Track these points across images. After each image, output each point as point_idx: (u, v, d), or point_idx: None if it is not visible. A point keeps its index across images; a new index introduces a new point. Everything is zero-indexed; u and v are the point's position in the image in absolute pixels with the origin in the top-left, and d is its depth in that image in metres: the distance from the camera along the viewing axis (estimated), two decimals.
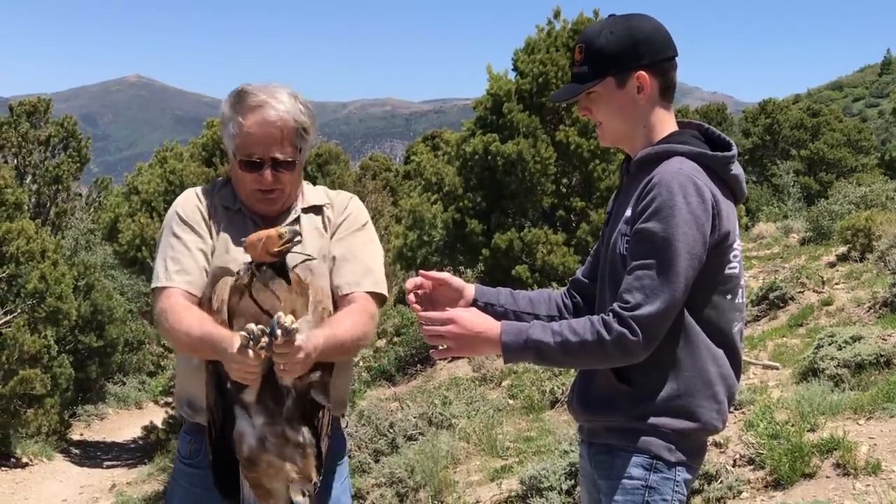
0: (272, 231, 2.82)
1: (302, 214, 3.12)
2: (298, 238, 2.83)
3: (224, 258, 3.01)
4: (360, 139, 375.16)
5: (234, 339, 2.68)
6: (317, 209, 3.15)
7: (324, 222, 3.14)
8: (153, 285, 3.03)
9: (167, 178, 18.95)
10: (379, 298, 3.10)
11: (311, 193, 3.19)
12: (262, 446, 2.84)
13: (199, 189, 3.17)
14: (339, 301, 3.03)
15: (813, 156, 38.76)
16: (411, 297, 2.83)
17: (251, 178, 3.00)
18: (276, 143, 2.97)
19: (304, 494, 2.88)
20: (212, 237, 3.05)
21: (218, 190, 3.15)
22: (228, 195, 3.12)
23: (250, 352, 2.64)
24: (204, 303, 2.94)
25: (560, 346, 2.54)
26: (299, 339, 2.66)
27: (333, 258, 3.08)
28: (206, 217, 3.07)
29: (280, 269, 2.85)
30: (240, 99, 3.02)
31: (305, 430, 2.88)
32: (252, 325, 2.65)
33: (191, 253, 3.01)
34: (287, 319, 2.63)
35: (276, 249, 2.80)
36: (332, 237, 3.12)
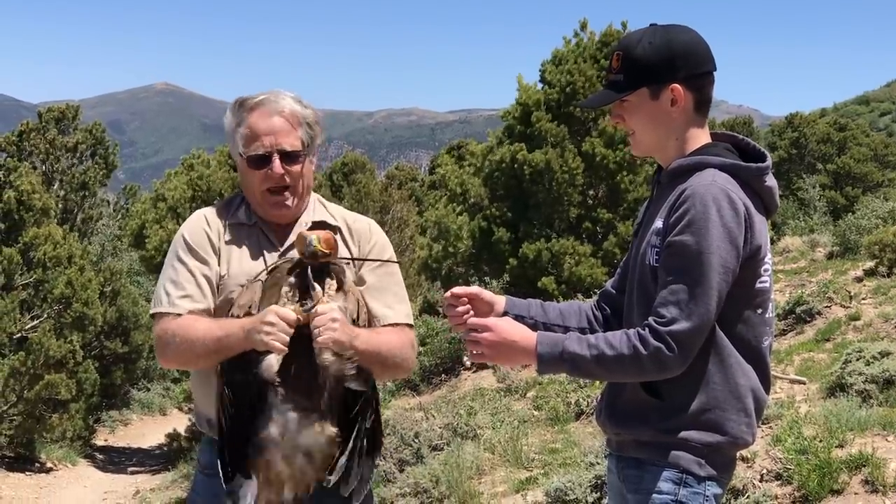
0: (306, 232, 2.80)
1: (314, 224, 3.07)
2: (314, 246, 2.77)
3: (238, 276, 2.96)
4: (386, 148, 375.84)
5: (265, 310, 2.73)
6: (328, 227, 3.05)
7: (345, 245, 3.08)
8: (154, 310, 2.95)
9: (193, 186, 19.04)
10: (411, 329, 3.14)
11: (322, 209, 3.16)
12: (283, 435, 2.74)
13: (209, 210, 3.12)
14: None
15: (839, 170, 38.51)
16: (455, 305, 2.79)
17: (260, 177, 2.97)
18: (282, 134, 2.96)
19: (294, 497, 2.78)
20: (220, 261, 2.99)
21: (235, 209, 3.09)
22: (244, 212, 3.08)
23: (288, 311, 2.69)
24: (219, 312, 2.92)
25: (596, 360, 2.53)
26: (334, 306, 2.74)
27: (366, 286, 3.04)
28: (216, 240, 3.01)
29: (317, 273, 2.80)
30: (241, 104, 3.03)
31: (335, 430, 2.79)
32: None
33: (195, 279, 2.95)
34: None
35: (301, 251, 2.79)
36: (361, 267, 3.08)
